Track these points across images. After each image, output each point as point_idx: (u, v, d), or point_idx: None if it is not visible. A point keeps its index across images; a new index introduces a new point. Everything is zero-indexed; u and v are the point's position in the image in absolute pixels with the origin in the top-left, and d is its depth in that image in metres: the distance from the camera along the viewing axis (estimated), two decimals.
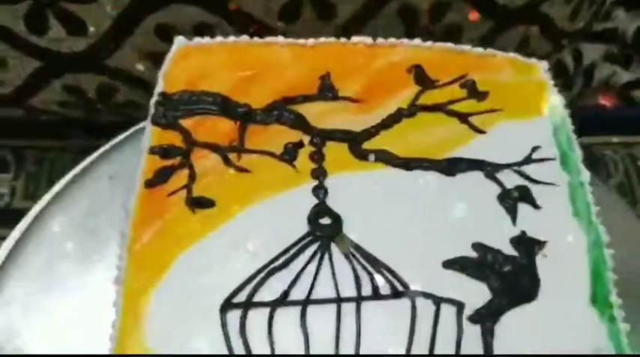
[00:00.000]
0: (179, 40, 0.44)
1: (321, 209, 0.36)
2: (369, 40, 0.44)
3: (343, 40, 0.44)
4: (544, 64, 0.45)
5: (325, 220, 0.36)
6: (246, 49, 0.44)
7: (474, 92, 0.42)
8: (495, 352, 0.32)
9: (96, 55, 0.64)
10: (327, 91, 0.41)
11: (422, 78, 0.42)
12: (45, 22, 0.60)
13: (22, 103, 0.71)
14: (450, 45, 0.44)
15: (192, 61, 0.42)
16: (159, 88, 0.41)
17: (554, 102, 0.42)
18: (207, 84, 0.41)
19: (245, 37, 0.44)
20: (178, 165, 0.38)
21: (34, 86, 0.69)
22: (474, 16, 0.64)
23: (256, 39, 0.44)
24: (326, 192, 0.37)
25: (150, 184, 0.37)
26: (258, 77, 0.42)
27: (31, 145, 0.80)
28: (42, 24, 0.60)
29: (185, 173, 0.38)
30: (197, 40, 0.44)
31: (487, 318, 0.33)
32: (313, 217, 0.36)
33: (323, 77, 0.42)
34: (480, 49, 0.44)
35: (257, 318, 0.32)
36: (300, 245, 0.35)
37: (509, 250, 0.35)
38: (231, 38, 0.44)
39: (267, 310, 0.32)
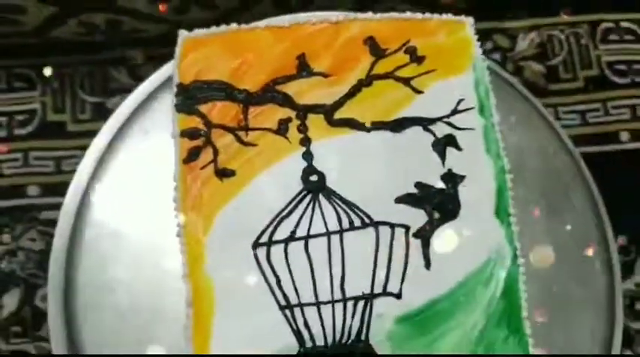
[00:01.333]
0: (182, 34, 0.55)
1: (309, 170, 0.51)
2: (333, 17, 0.55)
3: (313, 19, 0.55)
4: (470, 20, 0.57)
5: (314, 178, 0.51)
6: (236, 37, 0.55)
7: (415, 57, 0.55)
8: (431, 257, 0.50)
9: None
10: (303, 69, 0.54)
11: (375, 49, 0.55)
12: None
13: (40, 37, 0.81)
14: (394, 14, 0.56)
15: (197, 54, 0.54)
16: (175, 80, 0.54)
17: (476, 58, 0.55)
18: (211, 74, 0.54)
19: (234, 25, 0.55)
20: (203, 144, 0.52)
21: (51, 26, 0.78)
22: None
23: (243, 26, 0.55)
24: (312, 156, 0.52)
25: (186, 161, 0.52)
26: (249, 63, 0.54)
27: (49, 63, 0.89)
28: None
29: (210, 150, 0.52)
30: (196, 32, 0.55)
31: (425, 234, 0.50)
32: (305, 177, 0.51)
33: (299, 57, 0.54)
34: (419, 15, 0.56)
35: (277, 251, 0.50)
36: (298, 198, 0.51)
37: (440, 185, 0.52)
38: (223, 27, 0.55)
39: (282, 245, 0.50)
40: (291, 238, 0.50)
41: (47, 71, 0.84)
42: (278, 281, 0.49)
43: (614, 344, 0.57)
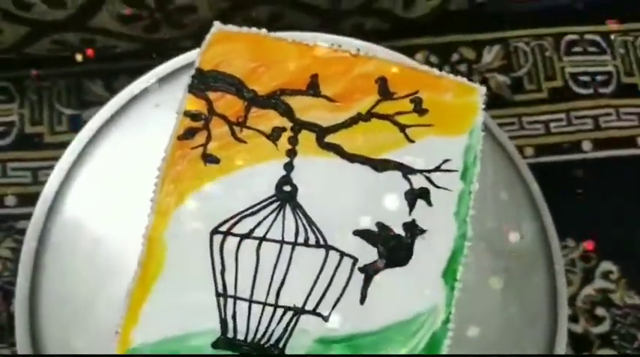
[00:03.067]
0: (216, 25, 0.59)
1: (285, 180, 0.54)
2: (354, 50, 0.58)
3: (335, 46, 0.59)
4: (482, 89, 0.59)
5: (287, 188, 0.54)
6: (262, 42, 0.59)
7: (419, 108, 0.57)
8: (368, 293, 0.52)
9: (77, 20, 0.79)
10: (312, 88, 0.57)
11: (383, 89, 0.57)
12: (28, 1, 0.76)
13: (17, 52, 0.87)
14: (414, 63, 0.59)
15: (223, 47, 0.58)
16: (196, 64, 0.58)
17: (476, 126, 0.57)
18: (230, 68, 0.58)
19: (264, 31, 0.59)
20: (201, 128, 0.56)
21: (26, 43, 0.84)
22: None
23: (272, 34, 0.59)
24: (293, 168, 0.55)
25: (181, 137, 0.56)
26: (265, 67, 0.58)
27: (27, 76, 0.93)
28: (26, 3, 0.76)
29: (204, 135, 0.56)
30: (229, 27, 0.59)
31: (370, 271, 0.52)
32: (279, 185, 0.54)
33: (312, 77, 0.57)
34: (436, 71, 0.58)
35: (230, 243, 0.53)
36: (267, 202, 0.54)
37: (400, 231, 0.54)
38: (254, 29, 0.59)
39: (237, 239, 0.53)
40: (247, 235, 0.53)
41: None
42: (222, 270, 0.52)
43: None
